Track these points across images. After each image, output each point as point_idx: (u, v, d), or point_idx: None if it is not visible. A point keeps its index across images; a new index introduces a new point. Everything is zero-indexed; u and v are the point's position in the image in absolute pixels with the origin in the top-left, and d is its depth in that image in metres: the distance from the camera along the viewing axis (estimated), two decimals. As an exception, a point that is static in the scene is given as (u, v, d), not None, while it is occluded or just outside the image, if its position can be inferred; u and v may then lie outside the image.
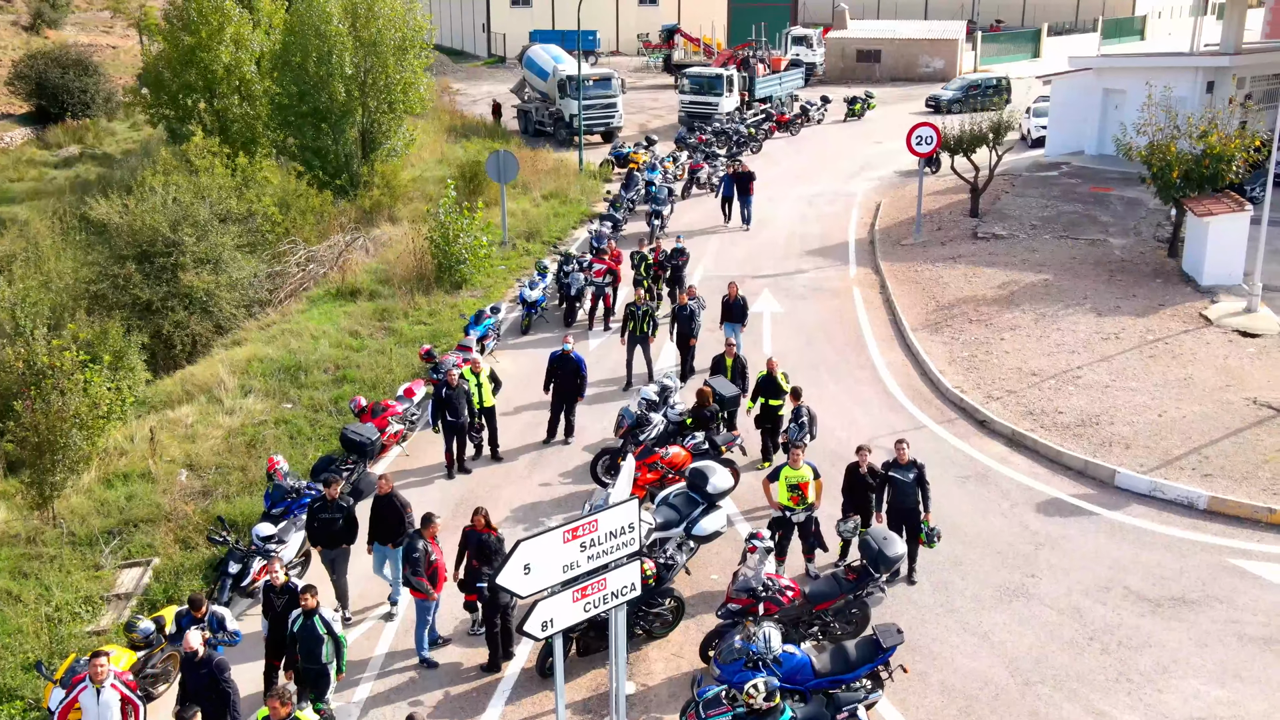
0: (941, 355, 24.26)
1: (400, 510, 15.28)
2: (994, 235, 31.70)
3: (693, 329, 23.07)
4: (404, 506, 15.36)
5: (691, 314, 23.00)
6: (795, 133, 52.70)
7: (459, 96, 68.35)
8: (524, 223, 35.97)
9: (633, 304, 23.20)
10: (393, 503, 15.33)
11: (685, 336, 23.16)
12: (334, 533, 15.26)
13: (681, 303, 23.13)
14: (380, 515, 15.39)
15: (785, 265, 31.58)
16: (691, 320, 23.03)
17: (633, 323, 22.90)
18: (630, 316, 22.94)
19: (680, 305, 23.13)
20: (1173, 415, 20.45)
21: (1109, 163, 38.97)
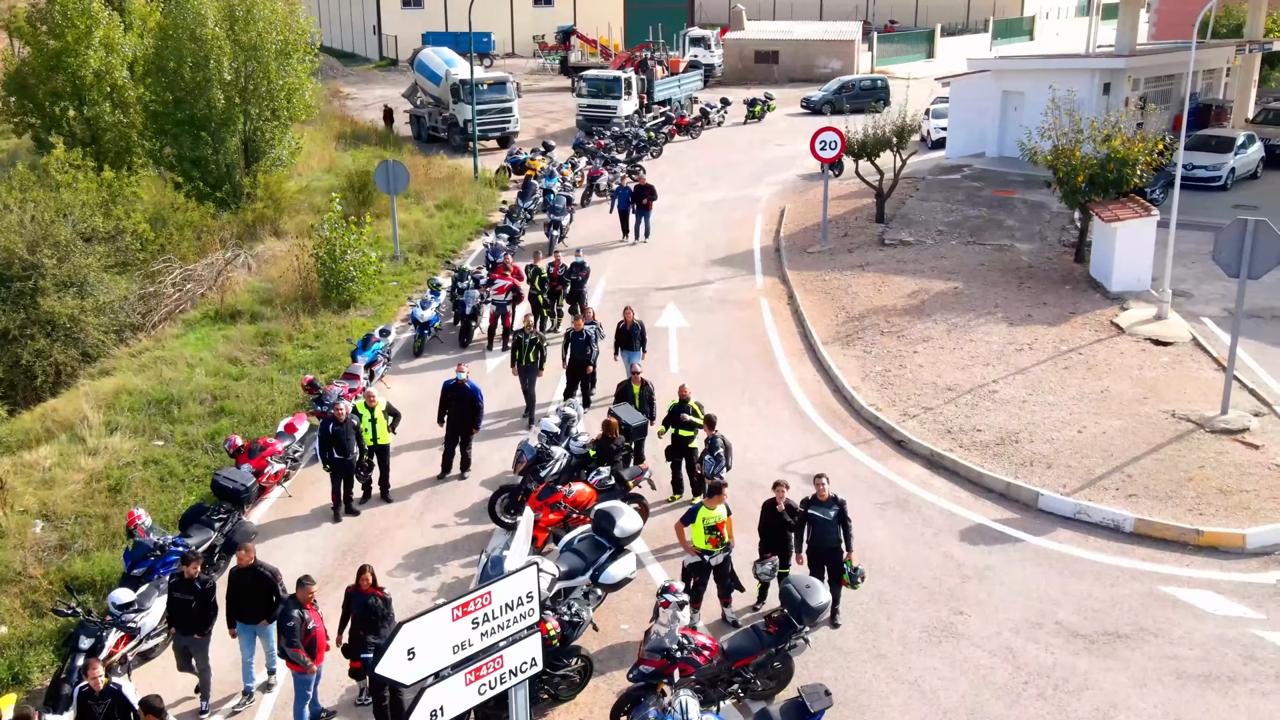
0: (854, 370, 23.34)
1: (269, 581, 13.54)
2: (901, 241, 31.00)
3: (588, 356, 21.51)
4: (273, 576, 13.61)
5: (588, 340, 21.45)
6: (696, 136, 51.75)
7: (349, 101, 66.09)
8: (417, 235, 34.32)
9: (520, 331, 21.61)
10: (259, 574, 13.57)
11: (580, 364, 21.53)
12: (186, 616, 13.45)
13: (576, 328, 21.52)
14: (243, 589, 13.54)
15: (690, 276, 30.48)
16: (588, 347, 21.46)
17: (519, 351, 21.35)
18: (517, 345, 21.32)
19: (575, 331, 21.51)
20: (1092, 431, 19.76)
21: (1010, 165, 38.67)
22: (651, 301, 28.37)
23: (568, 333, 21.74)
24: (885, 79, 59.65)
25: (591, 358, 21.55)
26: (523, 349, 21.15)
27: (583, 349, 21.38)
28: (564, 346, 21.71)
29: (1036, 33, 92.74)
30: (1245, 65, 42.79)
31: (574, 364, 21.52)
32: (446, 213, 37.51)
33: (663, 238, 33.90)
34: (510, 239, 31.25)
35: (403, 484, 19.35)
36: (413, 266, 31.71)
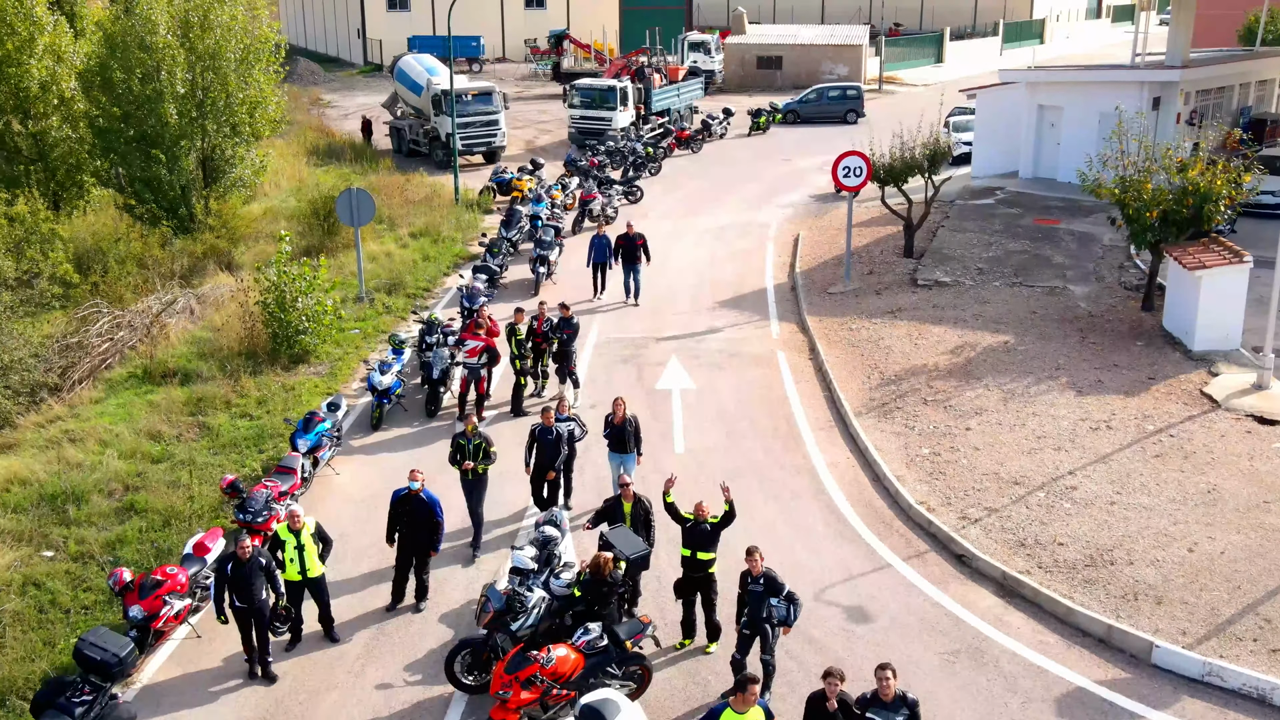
0: (896, 452, 19.24)
1: None
2: (936, 282, 26.89)
3: (558, 460, 16.90)
4: None
5: (558, 440, 16.87)
6: (697, 150, 47.64)
7: (329, 110, 61.95)
8: (386, 270, 30.14)
9: (460, 434, 16.74)
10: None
11: (543, 469, 16.92)
12: None
13: (546, 423, 16.98)
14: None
15: (695, 322, 26.36)
16: (556, 448, 16.80)
17: (460, 455, 16.49)
18: (457, 450, 16.65)
19: (543, 428, 16.97)
20: (1207, 550, 15.66)
21: (1048, 188, 34.61)
22: (651, 356, 24.26)
23: (534, 429, 17.13)
24: (859, 87, 55.61)
25: (560, 463, 17.05)
26: (465, 453, 16.51)
27: (552, 449, 16.85)
28: (529, 446, 17.11)
29: (1047, 36, 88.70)
30: (1300, 76, 38.77)
31: (539, 469, 16.95)
32: (422, 242, 33.35)
33: (662, 273, 29.78)
34: (489, 280, 27.07)
35: (344, 617, 15.21)
36: (379, 310, 27.54)
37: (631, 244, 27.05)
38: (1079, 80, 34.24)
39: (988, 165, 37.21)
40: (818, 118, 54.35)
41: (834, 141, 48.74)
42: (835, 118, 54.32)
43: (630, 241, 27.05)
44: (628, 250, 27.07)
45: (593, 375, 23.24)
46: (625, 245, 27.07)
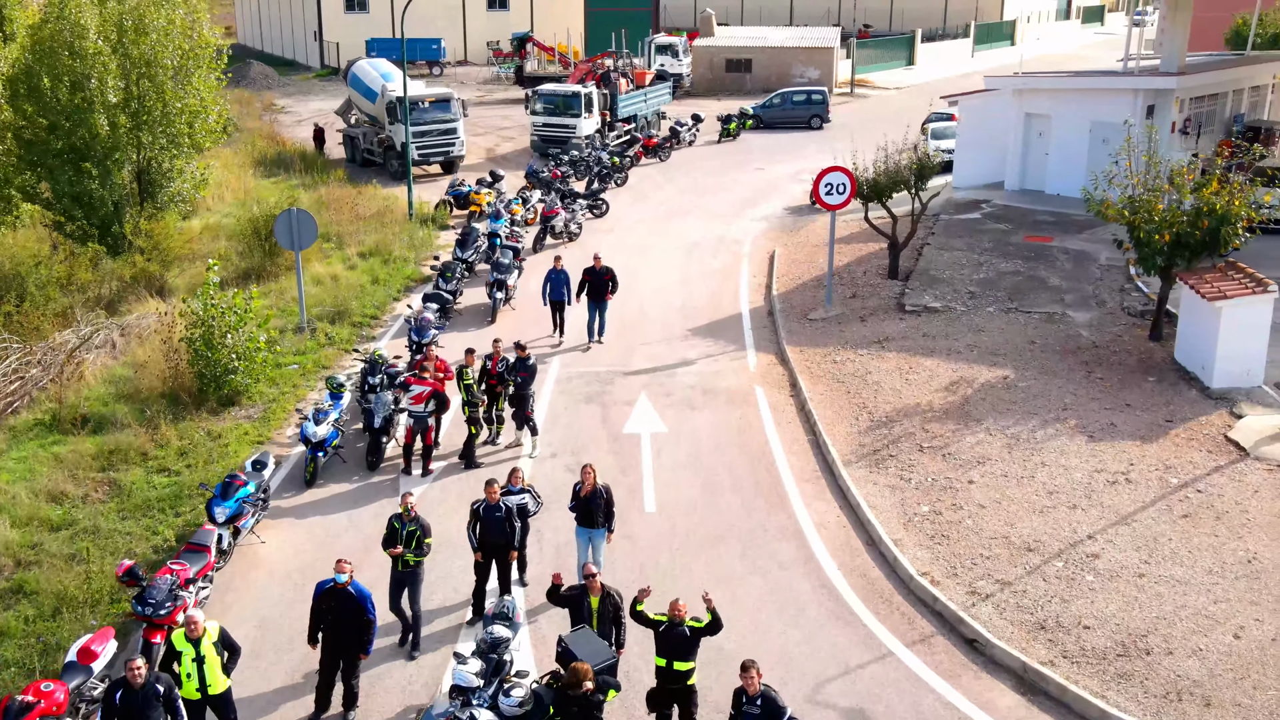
0: (892, 510, 17.12)
1: None
2: (925, 308, 24.81)
3: (509, 538, 14.59)
4: None
5: (506, 517, 14.53)
6: (665, 158, 45.43)
7: (283, 115, 59.31)
8: (331, 295, 27.72)
9: (396, 516, 14.23)
10: None
11: (496, 549, 14.63)
12: None
13: (490, 499, 14.57)
14: None
15: (666, 353, 24.15)
16: (504, 527, 14.52)
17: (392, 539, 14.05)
18: (391, 532, 14.15)
19: (487, 505, 14.56)
20: (1256, 636, 13.62)
21: (1036, 200, 32.65)
22: (618, 393, 22.03)
23: (476, 507, 14.65)
24: (824, 91, 53.64)
25: (514, 540, 14.70)
26: (398, 537, 14.01)
27: (499, 530, 14.47)
28: (470, 526, 14.68)
29: (1018, 37, 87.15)
30: (1292, 80, 37.05)
31: (489, 548, 14.61)
32: (372, 262, 30.95)
33: (631, 296, 27.55)
34: (441, 309, 24.73)
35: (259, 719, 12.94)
36: (321, 341, 25.14)
37: (599, 279, 24.05)
38: (1069, 87, 32.31)
39: (971, 175, 35.24)
40: (782, 123, 52.36)
41: (806, 149, 46.81)
42: (800, 123, 52.36)
43: (597, 277, 24.04)
44: (594, 286, 24.12)
45: (553, 417, 21.00)
46: (591, 281, 24.09)
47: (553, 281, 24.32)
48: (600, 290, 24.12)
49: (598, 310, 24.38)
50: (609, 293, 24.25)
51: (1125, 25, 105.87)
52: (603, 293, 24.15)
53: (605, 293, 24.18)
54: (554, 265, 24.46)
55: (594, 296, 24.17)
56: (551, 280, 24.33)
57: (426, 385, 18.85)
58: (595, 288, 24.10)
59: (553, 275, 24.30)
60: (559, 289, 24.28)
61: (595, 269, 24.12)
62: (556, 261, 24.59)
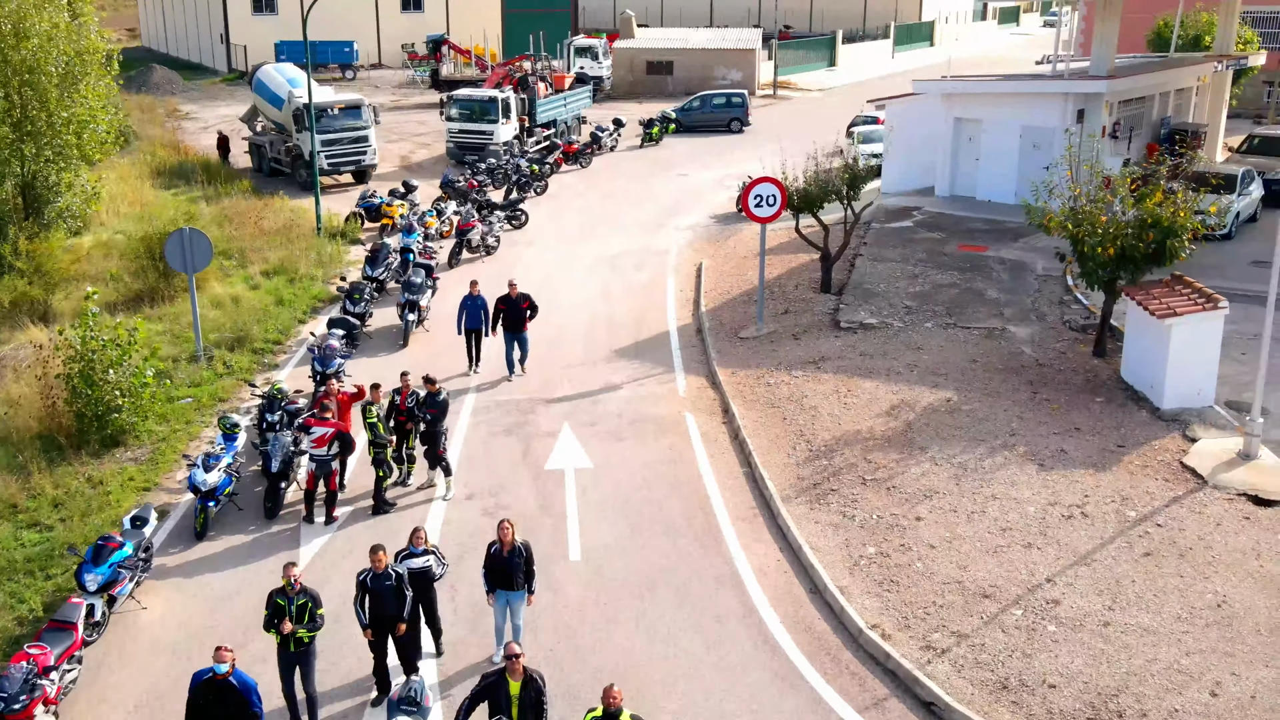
0: (835, 552, 15.85)
1: None
2: (861, 324, 23.65)
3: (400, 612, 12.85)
4: None
5: (398, 586, 12.81)
6: (586, 164, 43.95)
7: (187, 122, 56.73)
8: (231, 319, 25.77)
9: (279, 591, 12.52)
10: None
11: (386, 620, 12.87)
12: None
13: (376, 568, 12.73)
14: None
15: (590, 377, 22.69)
16: (398, 597, 12.79)
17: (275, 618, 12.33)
18: (275, 611, 12.35)
19: (374, 573, 12.76)
20: (1234, 693, 12.54)
21: (968, 207, 31.78)
22: (540, 423, 20.52)
23: (362, 577, 12.93)
24: (744, 94, 52.67)
25: (404, 611, 12.95)
26: (286, 613, 12.37)
27: (393, 600, 12.84)
28: (357, 599, 12.95)
29: (937, 38, 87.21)
30: (1216, 83, 36.69)
31: (379, 620, 12.89)
32: (276, 281, 29.01)
33: (552, 313, 26.05)
34: (348, 336, 22.97)
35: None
36: (218, 371, 23.24)
37: (515, 308, 22.03)
38: (998, 91, 31.47)
39: (900, 181, 34.30)
40: (702, 126, 51.21)
41: (731, 153, 45.68)
42: (719, 126, 51.26)
43: (514, 306, 22.01)
44: (510, 316, 22.10)
45: (469, 454, 19.42)
46: (507, 310, 22.04)
47: (468, 309, 22.34)
48: (518, 320, 22.16)
49: (516, 341, 22.42)
50: (527, 321, 22.37)
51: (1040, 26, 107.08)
52: (520, 322, 22.20)
53: (523, 323, 22.24)
54: (469, 291, 22.55)
55: (511, 327, 22.20)
56: (466, 307, 22.37)
57: (328, 426, 17.15)
58: (512, 317, 22.14)
59: (467, 302, 22.37)
60: (475, 316, 22.32)
61: (511, 297, 22.11)
62: (472, 287, 22.65)
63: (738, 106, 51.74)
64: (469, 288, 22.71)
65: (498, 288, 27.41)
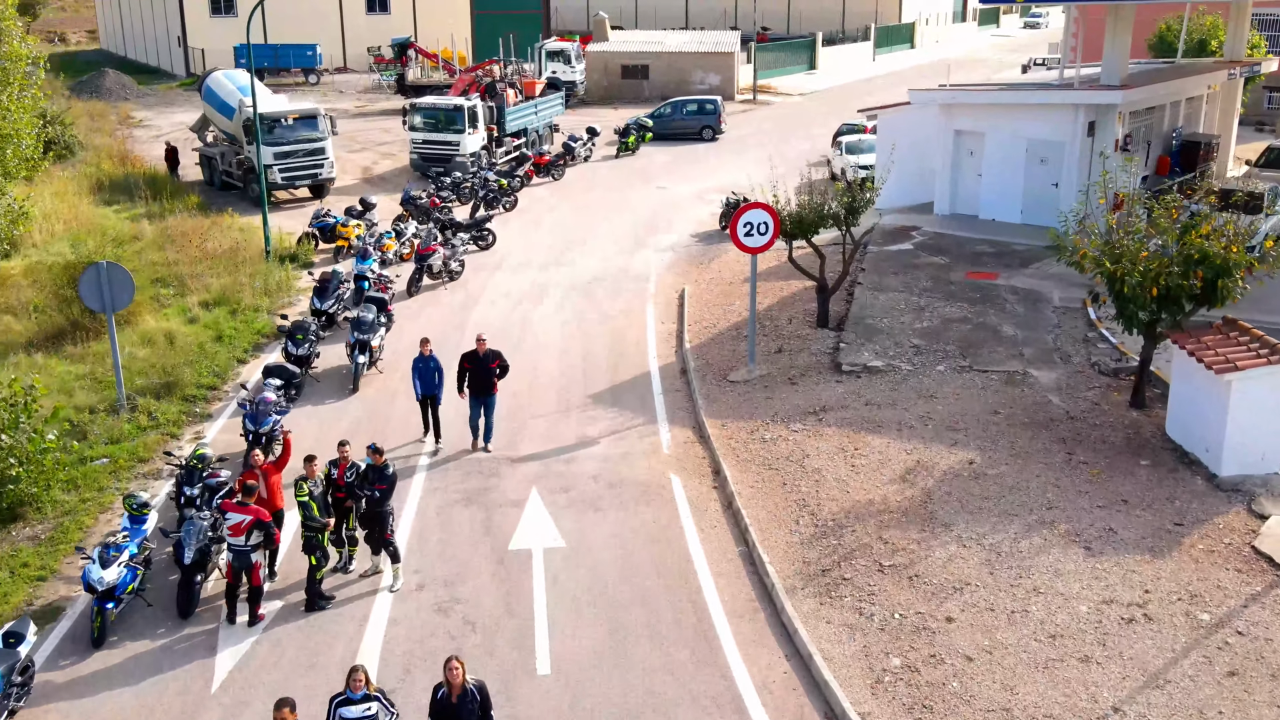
0: (853, 662, 13.20)
1: None
2: (865, 367, 21.02)
3: None
4: None
5: None
6: (559, 176, 41.18)
7: (139, 130, 53.66)
8: (163, 360, 22.86)
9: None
10: None
11: None
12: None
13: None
14: None
15: (562, 430, 19.96)
16: None
17: None
18: None
19: None
20: None
21: (969, 227, 29.23)
22: (504, 489, 17.81)
23: None
24: (716, 101, 49.90)
25: None
26: None
27: None
28: None
29: (917, 40, 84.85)
30: (1227, 91, 34.30)
31: None
32: (217, 314, 26.13)
33: (520, 352, 23.35)
34: (286, 386, 20.09)
35: None
36: (141, 424, 20.36)
37: (483, 368, 18.58)
38: (1002, 102, 28.93)
39: (894, 197, 31.65)
40: (672, 134, 48.48)
41: (712, 164, 43.07)
42: (691, 134, 48.56)
43: (481, 365, 18.58)
44: (477, 377, 18.64)
45: (422, 529, 16.69)
46: (473, 370, 18.66)
47: (420, 372, 18.85)
48: (485, 382, 18.72)
49: (483, 407, 18.91)
50: (496, 382, 18.96)
51: (1020, 27, 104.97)
52: (489, 384, 18.79)
53: (493, 384, 18.84)
54: (420, 351, 19.02)
55: (479, 390, 18.75)
56: (419, 370, 18.87)
57: (246, 513, 14.34)
58: (479, 378, 18.68)
59: (419, 365, 18.88)
60: (429, 381, 18.86)
61: (478, 355, 18.68)
62: (423, 346, 19.01)
63: (709, 114, 49.00)
64: (419, 347, 19.13)
65: (460, 319, 24.82)
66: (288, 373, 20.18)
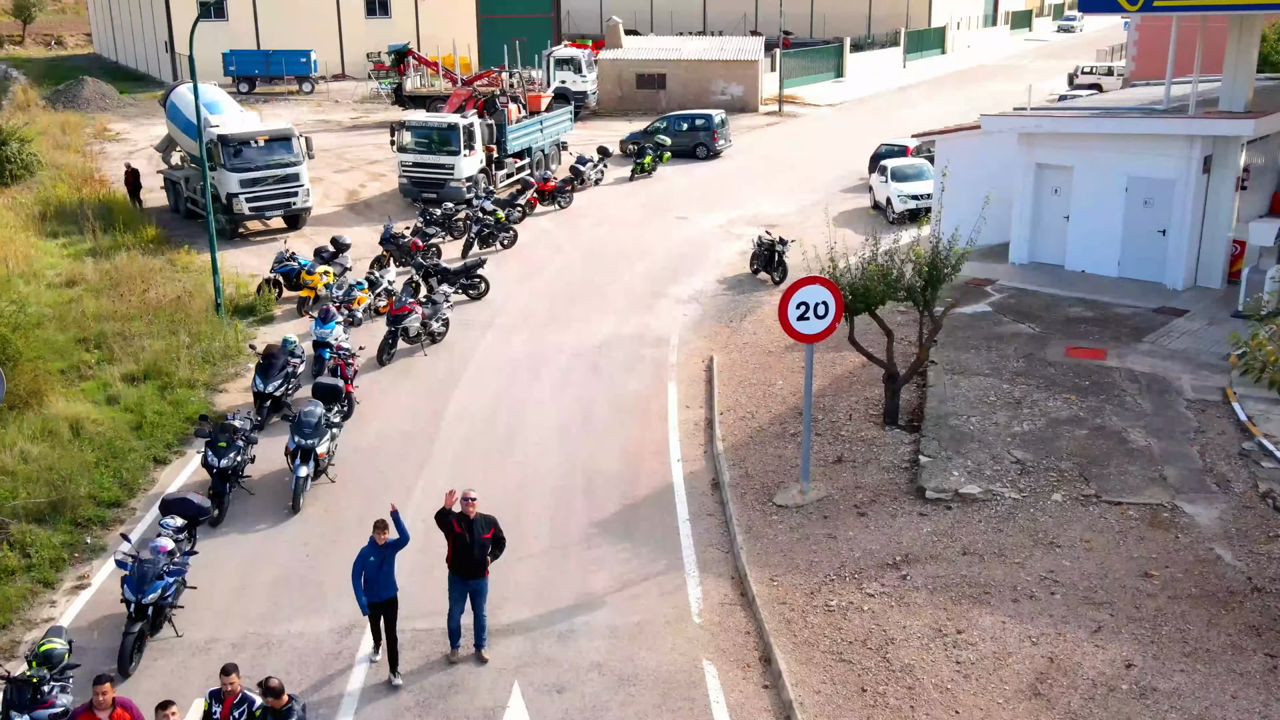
0: None
1: None
2: (957, 495, 15.80)
3: None
4: None
5: None
6: (566, 204, 36.02)
7: (114, 144, 48.77)
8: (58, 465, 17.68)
9: None
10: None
11: None
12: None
13: None
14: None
15: (557, 583, 14.81)
16: None
17: None
18: None
19: None
20: None
21: (1056, 280, 23.99)
22: (476, 687, 12.67)
23: None
24: (710, 116, 44.42)
25: None
26: None
27: None
28: None
29: (949, 45, 79.41)
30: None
31: None
32: (145, 390, 21.03)
33: (508, 456, 18.30)
34: (188, 527, 14.91)
35: None
36: (9, 565, 15.26)
37: (473, 538, 12.69)
38: (1098, 131, 23.60)
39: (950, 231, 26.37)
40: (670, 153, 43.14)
41: (737, 189, 37.94)
42: (686, 152, 43.22)
43: (471, 533, 12.70)
44: (464, 552, 12.70)
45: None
46: (461, 541, 12.68)
47: (365, 569, 12.54)
48: (477, 560, 12.81)
49: (468, 594, 12.95)
50: (490, 559, 13.10)
51: (1054, 31, 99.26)
52: (480, 564, 12.86)
53: (484, 564, 12.95)
54: (373, 538, 12.60)
55: (464, 569, 12.84)
56: (362, 566, 12.55)
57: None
58: (467, 555, 12.76)
59: (369, 557, 12.57)
60: (386, 583, 12.62)
61: (469, 518, 12.75)
62: (378, 533, 12.59)
63: (703, 130, 43.62)
64: (372, 532, 12.66)
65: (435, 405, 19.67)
66: (193, 509, 14.94)
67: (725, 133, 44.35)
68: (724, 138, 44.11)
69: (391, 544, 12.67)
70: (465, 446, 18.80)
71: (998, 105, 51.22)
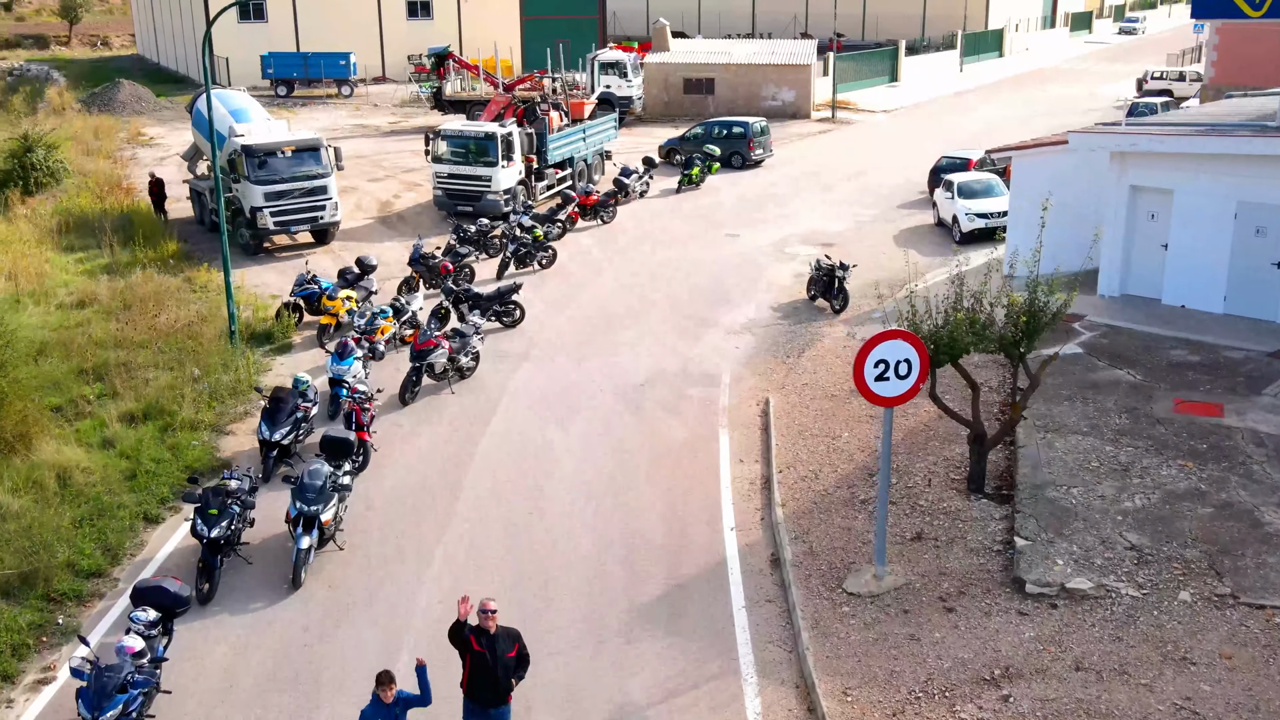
0: None
1: None
2: (1063, 590, 13.31)
3: None
4: None
5: None
6: (609, 219, 33.73)
7: (146, 150, 47.24)
8: (35, 527, 15.62)
9: None
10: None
11: None
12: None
13: None
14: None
15: (587, 688, 12.50)
16: None
17: None
18: None
19: None
20: None
21: (1151, 316, 21.36)
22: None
23: None
24: (747, 124, 41.75)
25: None
26: None
27: None
28: None
29: (1006, 48, 76.26)
30: None
31: None
32: (144, 431, 19.01)
33: (536, 522, 16.05)
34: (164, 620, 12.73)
35: None
36: (-38, 655, 13.28)
37: (494, 656, 10.42)
38: (1201, 151, 20.93)
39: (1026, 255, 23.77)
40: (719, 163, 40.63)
41: (790, 203, 35.48)
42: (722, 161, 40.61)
43: (493, 650, 10.42)
44: (483, 671, 10.41)
45: None
46: (475, 659, 10.40)
47: None
48: (500, 684, 10.53)
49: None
50: (514, 682, 10.77)
51: (1115, 33, 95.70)
52: (505, 688, 10.61)
53: (509, 688, 10.65)
54: (377, 694, 10.09)
55: (482, 696, 10.54)
56: None
57: None
58: (487, 675, 10.46)
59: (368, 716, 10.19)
60: None
61: (489, 633, 10.44)
62: (383, 690, 10.06)
63: (738, 138, 41.08)
64: (375, 688, 10.17)
65: (460, 452, 17.51)
66: (169, 599, 12.72)
67: (764, 141, 41.84)
68: (762, 146, 41.60)
69: (403, 701, 10.23)
70: (491, 504, 16.59)
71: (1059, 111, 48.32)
